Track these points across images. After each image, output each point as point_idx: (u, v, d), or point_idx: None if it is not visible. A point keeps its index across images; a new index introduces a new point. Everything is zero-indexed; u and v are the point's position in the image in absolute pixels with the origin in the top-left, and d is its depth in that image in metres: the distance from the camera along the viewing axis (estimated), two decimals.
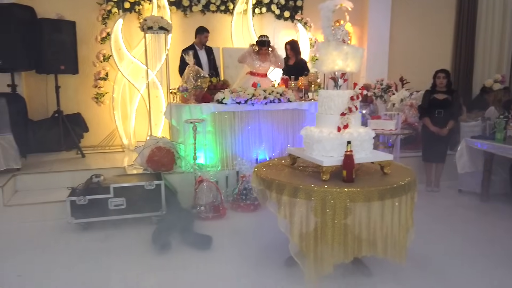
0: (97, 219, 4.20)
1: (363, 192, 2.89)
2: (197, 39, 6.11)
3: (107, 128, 6.62)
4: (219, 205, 4.65)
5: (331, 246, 2.94)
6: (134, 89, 6.28)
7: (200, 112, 5.07)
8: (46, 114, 6.20)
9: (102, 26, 6.26)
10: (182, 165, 5.07)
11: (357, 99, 3.17)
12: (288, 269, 3.36)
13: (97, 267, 3.42)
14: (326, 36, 3.22)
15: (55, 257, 3.63)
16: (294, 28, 7.29)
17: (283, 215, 3.08)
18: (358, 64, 3.21)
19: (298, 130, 5.53)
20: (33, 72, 6.03)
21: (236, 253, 3.69)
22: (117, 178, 4.51)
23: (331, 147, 3.14)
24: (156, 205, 4.34)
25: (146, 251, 3.73)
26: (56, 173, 5.11)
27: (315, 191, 2.90)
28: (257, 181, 3.38)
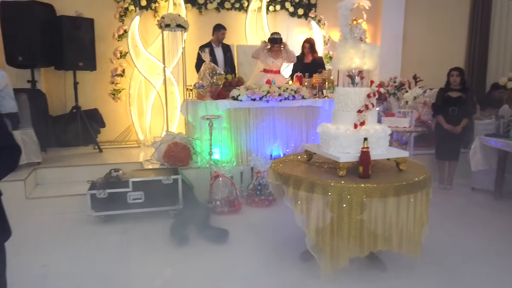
0: (116, 212, 4.31)
1: (379, 188, 2.95)
2: (214, 36, 6.18)
3: (123, 123, 6.74)
4: (234, 200, 4.73)
5: (347, 240, 3.01)
6: (150, 85, 6.39)
7: (216, 108, 5.15)
8: (64, 110, 6.33)
9: (119, 23, 6.37)
10: (197, 161, 5.16)
11: (373, 97, 3.22)
12: (303, 263, 3.43)
13: (118, 259, 3.52)
14: (343, 34, 3.27)
15: (77, 248, 3.74)
16: (307, 25, 7.34)
17: (299, 209, 3.15)
18: (375, 62, 3.26)
19: (312, 127, 5.60)
20: (51, 69, 6.17)
21: (252, 247, 3.77)
22: (136, 172, 4.61)
23: (347, 143, 3.20)
24: (173, 199, 4.44)
25: (164, 244, 3.83)
26: (75, 167, 5.24)
27: (332, 187, 2.97)
28: (274, 176, 3.46)
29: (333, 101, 5.62)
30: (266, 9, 7.11)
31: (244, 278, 3.21)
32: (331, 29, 7.47)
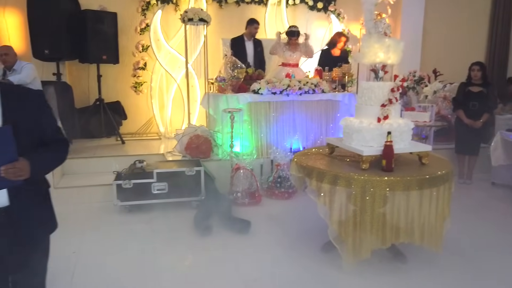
0: (141, 202, 4.43)
1: (402, 181, 2.99)
2: (247, 30, 6.21)
3: (144, 116, 6.86)
4: (255, 192, 4.81)
5: (370, 232, 3.07)
6: (171, 78, 6.48)
7: (237, 102, 5.22)
8: (87, 102, 6.47)
9: (141, 17, 6.47)
10: (219, 153, 5.24)
11: (397, 91, 3.25)
12: (325, 255, 3.49)
13: (144, 247, 3.63)
14: (368, 29, 3.31)
15: (104, 236, 3.87)
16: (327, 19, 7.34)
17: (322, 202, 3.21)
18: (399, 57, 3.29)
19: (331, 120, 5.65)
20: (75, 62, 6.30)
21: (273, 237, 3.85)
22: (159, 164, 4.72)
23: (371, 137, 3.24)
24: (196, 190, 4.54)
25: (188, 234, 3.93)
26: (100, 158, 5.37)
27: (355, 179, 3.02)
28: (296, 169, 3.52)
29: (353, 95, 5.74)
30: (285, 2, 7.13)
31: (266, 268, 3.30)
32: (350, 23, 7.46)
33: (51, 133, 1.91)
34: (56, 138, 1.93)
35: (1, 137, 1.63)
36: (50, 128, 1.91)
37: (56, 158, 1.93)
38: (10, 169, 1.64)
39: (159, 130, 6.71)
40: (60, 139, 1.96)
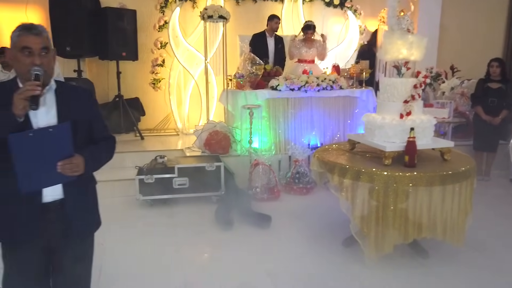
0: (163, 196, 4.51)
1: (425, 177, 3.02)
2: (268, 26, 6.24)
3: (162, 112, 6.95)
4: (273, 187, 4.87)
5: (392, 227, 3.10)
6: (188, 75, 6.55)
7: (255, 98, 5.27)
8: (106, 98, 6.57)
9: (160, 14, 6.54)
10: (237, 149, 5.30)
11: (420, 87, 3.27)
12: (346, 249, 3.54)
13: (167, 240, 3.72)
14: (390, 25, 3.33)
15: (128, 229, 3.96)
16: (343, 15, 7.33)
17: (345, 197, 3.26)
18: (422, 53, 3.30)
19: (349, 116, 5.67)
20: (95, 58, 6.40)
21: (294, 232, 3.91)
22: (180, 159, 4.80)
23: (393, 133, 3.27)
24: (216, 185, 4.61)
25: (210, 228, 4.00)
26: (120, 153, 5.44)
27: (378, 175, 3.06)
28: (318, 164, 3.56)
29: (371, 91, 5.75)
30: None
31: (290, 261, 3.35)
32: (367, 19, 7.45)
33: (101, 130, 1.99)
34: (105, 135, 2.02)
35: (60, 133, 1.71)
36: (100, 125, 2.00)
37: (107, 155, 2.02)
38: (66, 164, 1.72)
39: (177, 126, 6.79)
40: (108, 137, 2.04)
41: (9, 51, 1.77)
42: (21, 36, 1.73)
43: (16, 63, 1.76)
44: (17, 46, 1.73)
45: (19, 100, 1.65)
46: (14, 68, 1.78)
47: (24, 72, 1.74)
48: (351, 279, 3.09)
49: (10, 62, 1.79)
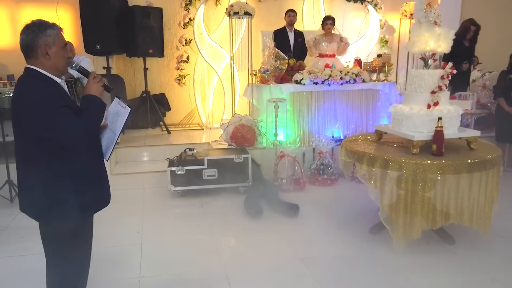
0: (193, 187, 4.68)
1: (453, 165, 3.12)
2: (286, 20, 6.37)
3: (187, 107, 7.13)
4: (299, 179, 5.00)
5: (420, 214, 3.21)
6: (212, 71, 6.71)
7: (280, 92, 5.40)
8: (133, 94, 6.78)
9: (184, 12, 6.70)
10: (263, 141, 5.44)
11: (447, 78, 3.36)
12: (373, 236, 3.66)
13: (200, 228, 3.88)
14: (418, 18, 3.42)
15: (162, 218, 4.15)
16: (364, 10, 7.40)
17: (373, 185, 3.37)
18: (449, 45, 3.39)
19: (371, 109, 5.76)
20: (122, 56, 6.61)
21: (322, 221, 4.03)
22: (209, 151, 4.96)
23: (421, 123, 3.37)
24: (243, 176, 4.76)
25: (240, 216, 4.16)
26: (149, 147, 5.66)
27: (407, 163, 3.16)
28: (346, 154, 3.68)
29: (393, 84, 5.83)
30: None
31: (320, 247, 3.48)
32: (387, 13, 7.50)
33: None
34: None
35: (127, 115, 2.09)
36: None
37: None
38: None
39: (201, 121, 6.96)
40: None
41: (50, 49, 1.89)
42: (60, 34, 1.93)
43: (57, 59, 1.92)
44: (61, 43, 1.93)
45: (99, 87, 2.02)
46: (52, 64, 1.91)
47: (64, 66, 1.98)
48: (380, 264, 3.21)
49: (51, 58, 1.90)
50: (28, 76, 1.91)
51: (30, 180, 1.94)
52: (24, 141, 1.92)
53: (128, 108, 2.08)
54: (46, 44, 1.88)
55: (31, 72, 1.90)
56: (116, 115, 2.09)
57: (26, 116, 1.83)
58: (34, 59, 1.90)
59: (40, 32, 1.87)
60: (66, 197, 1.94)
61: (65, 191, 1.94)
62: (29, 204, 1.99)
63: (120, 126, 2.08)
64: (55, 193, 1.93)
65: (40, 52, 1.88)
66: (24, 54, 1.92)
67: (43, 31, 1.88)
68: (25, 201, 2.01)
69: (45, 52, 1.88)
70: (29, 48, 1.89)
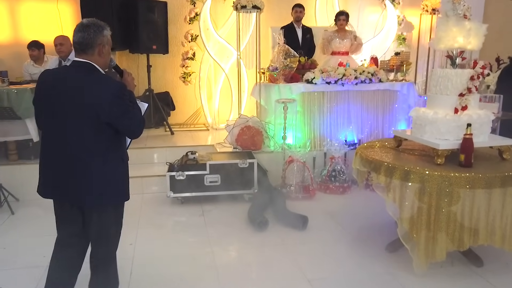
0: (194, 194, 4.35)
1: (484, 178, 2.73)
2: (292, 16, 6.02)
3: (192, 107, 6.80)
4: (308, 186, 4.63)
5: (445, 233, 2.84)
6: (219, 69, 6.36)
7: (290, 92, 5.04)
8: (137, 93, 6.46)
9: (190, 6, 6.36)
10: (270, 145, 5.09)
11: (477, 79, 2.97)
12: (390, 255, 3.29)
13: (199, 240, 3.55)
14: (445, 11, 3.03)
15: (158, 228, 3.82)
16: (380, 5, 6.97)
17: (392, 198, 3.00)
18: (481, 42, 3.00)
19: (388, 111, 5.38)
20: (125, 52, 6.30)
21: (333, 234, 3.67)
22: (211, 155, 4.62)
23: (446, 129, 2.99)
24: (248, 183, 4.41)
25: (243, 228, 3.82)
26: (150, 148, 5.35)
27: (430, 176, 2.79)
28: (360, 163, 3.32)
29: (412, 84, 5.43)
30: None
31: (330, 267, 3.12)
32: (405, 8, 7.06)
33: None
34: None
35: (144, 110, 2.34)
36: None
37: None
38: None
39: (207, 121, 6.62)
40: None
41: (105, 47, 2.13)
42: (110, 35, 2.16)
43: (107, 57, 2.18)
44: (110, 43, 2.17)
45: (134, 82, 2.32)
46: (104, 61, 2.15)
47: (108, 63, 2.22)
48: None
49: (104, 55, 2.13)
50: (88, 69, 2.08)
51: (95, 166, 2.09)
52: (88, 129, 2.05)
53: (145, 103, 2.34)
54: (102, 43, 2.10)
55: (90, 66, 2.08)
56: None
57: (104, 104, 1.99)
58: (89, 55, 2.08)
59: (99, 32, 2.09)
60: (121, 178, 2.22)
61: (120, 172, 2.20)
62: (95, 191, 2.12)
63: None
64: (117, 174, 2.18)
65: (97, 50, 2.09)
66: (78, 50, 2.09)
67: (101, 31, 2.10)
68: (90, 189, 2.11)
69: (101, 51, 2.11)
70: (88, 45, 2.06)
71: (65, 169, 2.10)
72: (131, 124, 2.11)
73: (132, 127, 2.14)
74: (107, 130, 2.07)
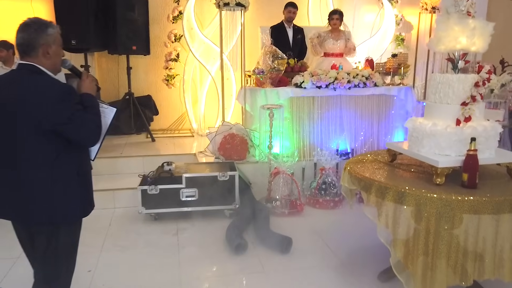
0: (168, 210, 3.95)
1: (491, 202, 2.33)
2: (284, 15, 5.62)
3: (177, 111, 6.40)
4: (296, 200, 4.23)
5: (446, 265, 2.43)
6: (205, 71, 5.96)
7: (277, 96, 4.64)
8: (117, 96, 6.09)
9: (174, 4, 5.97)
10: (255, 154, 4.69)
11: (483, 86, 2.57)
12: (383, 285, 2.89)
13: (167, 267, 3.15)
14: (445, 7, 2.63)
15: (124, 251, 3.43)
16: (377, 3, 6.57)
17: (384, 223, 2.60)
18: (486, 43, 2.60)
19: (384, 118, 4.99)
20: (105, 53, 5.90)
21: (319, 259, 3.29)
22: (189, 166, 4.22)
23: (447, 144, 2.59)
24: (229, 197, 4.01)
25: (220, 249, 3.42)
26: (127, 158, 4.95)
27: (429, 198, 2.39)
28: (349, 180, 2.92)
29: (410, 89, 5.02)
30: None
31: None
32: (404, 7, 6.66)
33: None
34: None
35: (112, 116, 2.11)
36: None
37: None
38: None
39: (192, 127, 6.23)
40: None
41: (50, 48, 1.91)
42: (58, 33, 1.97)
43: (56, 58, 1.96)
44: (59, 42, 1.98)
45: (94, 85, 2.08)
46: (51, 62, 1.93)
47: (60, 64, 2.02)
48: None
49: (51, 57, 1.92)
50: (31, 72, 1.88)
51: (40, 180, 1.89)
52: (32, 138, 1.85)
53: (113, 108, 2.12)
54: (47, 43, 1.90)
55: (33, 69, 1.89)
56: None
57: (45, 110, 1.81)
58: (33, 58, 1.89)
59: (42, 31, 1.89)
60: (72, 195, 1.97)
61: (71, 189, 1.96)
62: (40, 208, 1.90)
63: (105, 127, 2.06)
64: (63, 192, 1.94)
65: (41, 51, 1.89)
66: (21, 52, 1.90)
67: (44, 30, 1.90)
68: (34, 206, 1.90)
69: (46, 51, 1.90)
70: (29, 46, 1.88)
71: (8, 183, 1.91)
72: (80, 131, 1.89)
73: (82, 135, 1.91)
74: (54, 139, 1.87)
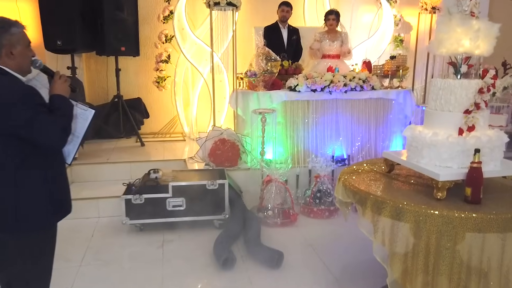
0: (154, 220, 3.75)
1: (497, 220, 2.14)
2: (278, 15, 5.43)
3: (168, 114, 6.21)
4: (289, 210, 4.03)
5: (448, 285, 2.23)
6: (197, 73, 5.77)
7: (270, 100, 4.45)
8: (106, 99, 5.90)
9: (165, 3, 5.78)
10: (247, 161, 4.49)
11: (487, 92, 2.37)
12: None
13: (150, 281, 2.96)
14: (447, 7, 2.43)
15: (105, 265, 3.22)
16: (375, 3, 6.38)
17: (380, 240, 2.41)
18: (491, 45, 2.40)
19: (381, 123, 4.81)
20: (93, 54, 5.70)
21: (312, 274, 3.09)
22: (177, 174, 4.02)
23: (448, 155, 2.39)
24: (218, 207, 3.81)
25: (207, 264, 3.22)
26: (113, 164, 4.75)
27: (429, 215, 2.20)
28: (343, 192, 2.73)
29: (409, 92, 4.83)
30: None
31: None
32: (403, 7, 6.47)
33: None
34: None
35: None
36: None
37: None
38: None
39: (184, 131, 6.03)
40: None
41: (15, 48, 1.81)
42: (24, 33, 1.86)
43: (21, 58, 1.86)
44: (25, 42, 1.87)
45: (66, 86, 2.00)
46: (16, 63, 1.84)
47: (28, 65, 1.91)
48: None
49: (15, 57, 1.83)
50: None
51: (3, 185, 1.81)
52: None
53: (92, 110, 2.06)
54: (10, 43, 1.82)
55: None
56: (75, 118, 2.02)
57: (2, 112, 1.73)
58: None
59: (4, 31, 1.80)
60: (39, 202, 1.88)
61: (38, 195, 1.88)
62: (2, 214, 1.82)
63: (82, 129, 2.04)
64: (28, 197, 1.85)
65: (4, 51, 1.81)
66: None
67: (7, 30, 1.81)
68: None
69: (10, 52, 1.82)
70: None
71: None
72: (41, 134, 1.80)
73: (44, 138, 1.81)
74: (18, 142, 1.79)
